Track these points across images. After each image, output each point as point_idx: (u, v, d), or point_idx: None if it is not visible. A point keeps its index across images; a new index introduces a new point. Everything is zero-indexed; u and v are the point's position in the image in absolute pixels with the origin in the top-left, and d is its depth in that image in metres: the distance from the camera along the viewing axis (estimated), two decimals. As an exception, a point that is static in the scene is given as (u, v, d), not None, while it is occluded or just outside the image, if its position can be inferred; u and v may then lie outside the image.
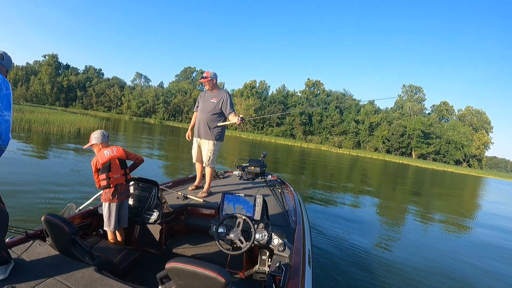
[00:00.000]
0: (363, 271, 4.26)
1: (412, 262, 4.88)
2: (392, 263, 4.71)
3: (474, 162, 67.27)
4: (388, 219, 8.16)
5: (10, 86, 1.94)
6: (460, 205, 13.20)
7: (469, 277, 4.72)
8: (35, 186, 6.05)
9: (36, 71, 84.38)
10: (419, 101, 74.71)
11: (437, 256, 5.41)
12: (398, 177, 22.48)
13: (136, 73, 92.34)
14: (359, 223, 6.91)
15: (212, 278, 1.38)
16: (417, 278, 4.31)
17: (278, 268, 2.11)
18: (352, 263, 4.47)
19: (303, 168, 18.41)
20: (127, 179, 2.81)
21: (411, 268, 4.60)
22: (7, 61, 2.05)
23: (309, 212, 7.07)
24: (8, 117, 1.86)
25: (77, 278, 1.78)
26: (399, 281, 4.13)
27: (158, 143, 21.51)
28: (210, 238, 2.64)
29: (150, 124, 55.76)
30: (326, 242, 5.21)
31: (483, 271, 5.05)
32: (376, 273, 4.27)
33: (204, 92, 4.15)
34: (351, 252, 4.91)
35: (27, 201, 5.11)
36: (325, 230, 5.93)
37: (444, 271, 4.73)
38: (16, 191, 5.50)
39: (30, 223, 3.95)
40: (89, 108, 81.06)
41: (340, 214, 7.57)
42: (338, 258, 4.57)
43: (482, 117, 73.03)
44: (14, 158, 8.01)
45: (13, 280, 1.70)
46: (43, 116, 22.38)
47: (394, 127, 63.44)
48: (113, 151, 2.73)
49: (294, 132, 68.10)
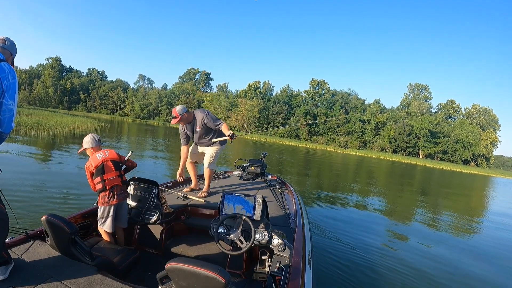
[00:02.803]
0: (363, 271, 4.22)
1: (413, 264, 4.79)
2: (393, 264, 4.64)
3: (482, 161, 66.18)
4: (392, 221, 8.04)
5: (16, 74, 1.95)
6: (476, 207, 12.79)
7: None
8: (32, 187, 6.06)
9: (39, 74, 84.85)
10: (426, 99, 73.82)
11: (441, 259, 5.26)
12: (405, 178, 22.10)
13: (139, 75, 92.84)
14: (360, 224, 6.83)
15: (212, 278, 1.37)
16: (418, 279, 4.25)
17: (278, 268, 2.11)
18: (353, 263, 4.43)
19: (308, 169, 18.34)
20: (123, 180, 2.82)
21: (412, 270, 4.52)
22: (10, 45, 2.06)
23: (311, 212, 7.07)
24: (12, 106, 1.88)
25: (77, 278, 1.79)
26: (399, 282, 4.08)
27: (160, 144, 21.57)
28: (210, 238, 2.64)
29: (154, 126, 55.87)
30: (326, 242, 5.18)
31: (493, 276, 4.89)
32: (377, 274, 4.22)
33: (184, 127, 4.03)
34: (351, 252, 4.87)
35: (27, 201, 5.13)
36: (326, 230, 5.89)
37: (447, 274, 4.63)
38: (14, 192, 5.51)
39: (22, 220, 3.92)
40: (93, 111, 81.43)
41: (341, 215, 7.51)
42: (338, 258, 4.53)
43: (490, 115, 71.81)
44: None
45: (13, 281, 1.71)
46: (36, 118, 21.93)
47: (400, 127, 62.78)
48: (106, 154, 2.76)
49: (299, 132, 67.89)
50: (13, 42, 2.10)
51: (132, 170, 3.04)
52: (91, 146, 2.79)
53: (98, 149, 2.81)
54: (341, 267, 4.25)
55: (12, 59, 2.09)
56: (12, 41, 2.09)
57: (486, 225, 9.18)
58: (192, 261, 1.46)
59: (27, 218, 4.33)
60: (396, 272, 4.38)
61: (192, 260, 1.47)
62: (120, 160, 2.86)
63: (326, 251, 4.74)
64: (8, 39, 2.06)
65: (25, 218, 4.31)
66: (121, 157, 2.88)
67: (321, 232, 5.71)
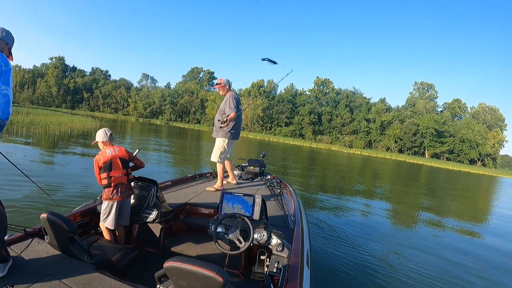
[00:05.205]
0: (362, 272, 4.20)
1: (414, 265, 4.73)
2: (392, 265, 4.60)
3: (489, 161, 65.33)
4: (393, 222, 7.94)
5: (9, 62, 1.94)
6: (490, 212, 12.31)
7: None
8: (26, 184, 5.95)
9: (43, 73, 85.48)
10: (431, 98, 73.08)
11: (442, 262, 5.15)
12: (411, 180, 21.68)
13: (142, 74, 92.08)
14: (361, 225, 6.76)
15: (210, 277, 1.37)
16: (418, 280, 4.21)
17: (277, 268, 2.10)
18: (351, 264, 4.40)
19: (311, 170, 18.26)
20: (129, 178, 2.84)
21: (412, 271, 4.48)
22: (7, 36, 2.04)
23: (311, 212, 7.04)
24: (7, 91, 1.86)
25: (75, 276, 1.79)
26: (398, 283, 4.04)
27: (161, 144, 21.54)
28: (209, 237, 2.64)
29: (157, 125, 55.94)
30: (325, 242, 5.15)
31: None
32: (376, 275, 4.19)
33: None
34: (350, 253, 4.84)
35: (25, 199, 5.13)
36: (325, 230, 5.86)
37: (448, 278, 4.53)
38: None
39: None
40: (96, 110, 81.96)
41: (341, 215, 7.45)
42: (337, 258, 4.51)
43: (496, 114, 70.78)
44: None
45: (11, 279, 1.71)
46: (31, 117, 21.63)
47: (406, 126, 62.22)
48: (115, 151, 2.78)
49: (303, 132, 67.69)
50: (9, 32, 2.08)
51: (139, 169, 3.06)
52: (102, 140, 2.84)
53: (109, 144, 2.84)
54: (340, 267, 4.23)
55: (9, 49, 2.07)
56: (8, 31, 2.07)
57: (497, 232, 8.49)
58: (191, 260, 1.46)
59: (26, 216, 4.34)
60: (396, 273, 4.34)
61: (191, 259, 1.47)
62: (129, 157, 2.88)
63: (324, 252, 4.72)
64: (4, 29, 2.05)
65: (24, 216, 4.32)
66: (130, 154, 2.90)
67: (320, 232, 5.68)
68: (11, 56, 2.10)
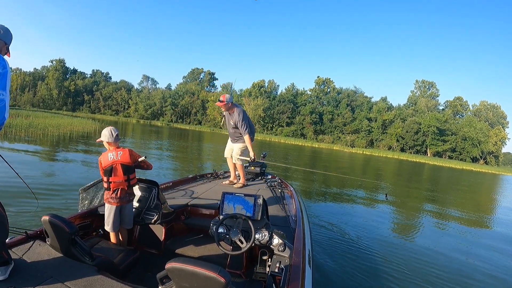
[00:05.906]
0: (363, 272, 4.18)
1: (415, 265, 4.71)
2: (394, 265, 4.58)
3: (491, 159, 65.02)
4: (397, 222, 7.89)
5: (7, 64, 1.88)
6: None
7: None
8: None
9: (43, 76, 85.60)
10: (433, 96, 72.84)
11: (444, 262, 5.10)
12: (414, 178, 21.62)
13: (143, 75, 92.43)
14: (363, 224, 6.74)
15: (212, 278, 1.37)
16: (418, 280, 4.18)
17: (278, 268, 2.10)
18: (353, 263, 4.39)
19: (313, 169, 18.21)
20: (130, 184, 2.77)
21: (413, 271, 4.45)
22: (5, 34, 1.98)
23: (312, 212, 7.00)
24: (3, 96, 1.80)
25: (77, 278, 1.79)
26: (399, 283, 4.02)
27: (162, 145, 21.53)
28: (210, 238, 2.63)
29: (158, 126, 55.93)
30: (327, 242, 5.14)
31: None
32: (377, 274, 4.18)
33: (226, 115, 4.74)
34: (352, 252, 4.83)
35: (26, 202, 5.08)
36: (326, 230, 5.85)
37: (450, 276, 4.49)
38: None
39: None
40: (97, 112, 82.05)
41: (343, 215, 7.42)
42: (338, 258, 4.50)
43: (498, 111, 70.51)
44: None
45: (13, 281, 1.71)
46: (30, 120, 21.44)
47: (408, 124, 62.03)
48: (118, 156, 2.68)
49: (304, 131, 67.65)
50: (7, 29, 2.01)
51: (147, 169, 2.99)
52: (106, 140, 2.73)
53: (114, 145, 2.74)
54: (342, 267, 4.22)
55: (7, 48, 2.02)
56: (6, 29, 2.01)
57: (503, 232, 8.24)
58: (192, 261, 1.46)
59: (27, 219, 4.34)
60: (397, 272, 4.32)
61: (192, 260, 1.47)
62: (133, 162, 2.75)
63: (326, 251, 4.71)
64: (2, 27, 1.99)
65: (25, 218, 4.32)
66: (135, 158, 2.77)
67: (322, 232, 5.66)
68: (8, 53, 2.04)
